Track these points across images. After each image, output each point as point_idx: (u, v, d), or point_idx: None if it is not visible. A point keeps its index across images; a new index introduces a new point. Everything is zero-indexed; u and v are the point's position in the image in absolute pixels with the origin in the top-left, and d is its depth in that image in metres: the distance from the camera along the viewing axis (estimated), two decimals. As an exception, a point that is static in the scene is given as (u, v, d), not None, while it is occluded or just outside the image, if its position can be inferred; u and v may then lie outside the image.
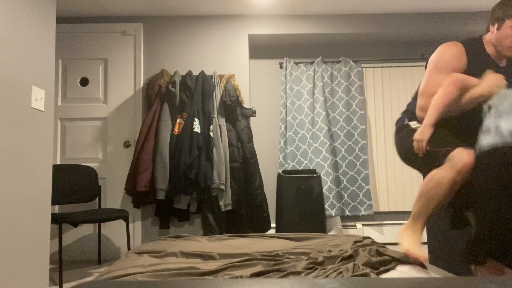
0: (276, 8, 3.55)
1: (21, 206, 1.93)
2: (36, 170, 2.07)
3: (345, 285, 0.58)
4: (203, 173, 3.14)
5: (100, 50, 3.58)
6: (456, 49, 1.61)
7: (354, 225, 3.79)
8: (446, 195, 1.51)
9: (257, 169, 3.36)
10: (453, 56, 1.60)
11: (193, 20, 3.66)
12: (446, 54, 1.61)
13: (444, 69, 1.59)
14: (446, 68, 1.59)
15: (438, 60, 1.62)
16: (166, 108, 3.32)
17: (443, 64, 1.60)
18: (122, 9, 3.52)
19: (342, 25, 3.70)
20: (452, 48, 1.62)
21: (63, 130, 3.51)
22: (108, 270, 1.73)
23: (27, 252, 1.97)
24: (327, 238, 2.52)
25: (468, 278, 0.62)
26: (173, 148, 3.21)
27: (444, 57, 1.61)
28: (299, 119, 3.80)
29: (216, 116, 3.38)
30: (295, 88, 3.85)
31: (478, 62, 1.61)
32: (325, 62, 3.92)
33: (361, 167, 3.77)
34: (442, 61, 1.61)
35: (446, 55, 1.61)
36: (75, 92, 3.54)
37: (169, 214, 3.35)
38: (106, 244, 3.40)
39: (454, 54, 1.60)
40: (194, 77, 3.41)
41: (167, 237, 2.55)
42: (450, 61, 1.60)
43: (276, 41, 3.91)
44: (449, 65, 1.59)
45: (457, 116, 1.63)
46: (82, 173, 3.19)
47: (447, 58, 1.60)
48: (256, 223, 3.30)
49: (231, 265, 1.77)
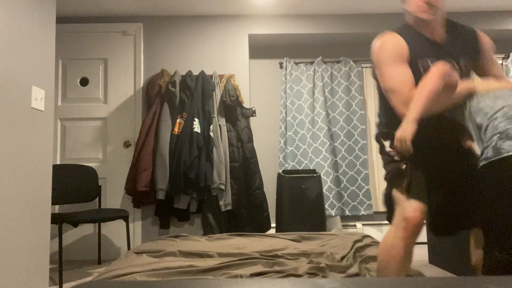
0: (276, 8, 3.55)
1: (21, 206, 1.93)
2: (36, 170, 2.07)
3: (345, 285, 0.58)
4: (203, 173, 3.14)
5: (100, 50, 3.58)
6: (395, 37, 1.51)
7: (354, 225, 3.79)
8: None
9: (257, 169, 3.36)
10: (395, 44, 1.50)
11: (193, 20, 3.66)
12: (389, 45, 1.50)
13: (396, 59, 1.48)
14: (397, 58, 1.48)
15: (385, 54, 1.50)
16: (166, 108, 3.32)
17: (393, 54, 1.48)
18: (122, 9, 3.52)
19: (342, 25, 3.70)
20: (392, 37, 1.52)
21: (63, 130, 3.51)
22: (107, 270, 1.73)
23: (27, 252, 1.97)
24: (327, 237, 2.52)
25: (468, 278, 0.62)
26: (173, 148, 3.21)
27: (389, 49, 1.49)
28: (299, 119, 3.80)
29: (216, 116, 3.38)
30: (295, 88, 3.85)
31: (418, 45, 1.52)
32: (325, 62, 3.92)
33: (361, 167, 3.77)
34: (390, 52, 1.49)
35: (389, 46, 1.50)
36: (75, 92, 3.54)
37: (169, 214, 3.35)
38: (106, 244, 3.40)
39: (396, 42, 1.50)
40: (194, 77, 3.41)
41: (166, 237, 2.55)
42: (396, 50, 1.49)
43: (276, 41, 3.91)
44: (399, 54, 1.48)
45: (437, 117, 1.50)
46: (82, 173, 3.19)
47: (392, 48, 1.49)
48: (256, 223, 3.30)
49: (231, 263, 1.76)
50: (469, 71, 1.58)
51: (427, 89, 1.38)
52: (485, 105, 1.39)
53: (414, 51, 1.50)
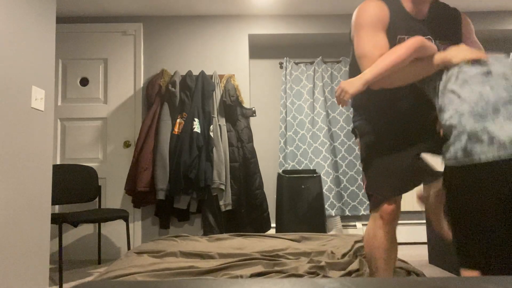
0: (276, 8, 3.55)
1: (21, 206, 1.93)
2: (36, 170, 2.07)
3: (345, 285, 0.58)
4: (203, 173, 3.14)
5: (100, 50, 3.58)
6: (379, 3, 1.46)
7: (354, 225, 3.79)
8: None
9: (257, 169, 3.36)
10: (378, 10, 1.44)
11: (193, 20, 3.66)
12: (371, 10, 1.44)
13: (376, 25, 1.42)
14: (377, 24, 1.42)
15: (366, 17, 1.44)
16: (166, 108, 3.32)
17: (374, 20, 1.43)
18: (122, 9, 3.52)
19: (342, 25, 3.70)
20: (376, 3, 1.46)
21: (63, 130, 3.51)
22: (108, 270, 1.73)
23: (27, 252, 1.97)
24: (327, 237, 2.52)
25: (468, 278, 0.62)
26: (173, 148, 3.20)
27: (371, 13, 1.44)
28: (299, 119, 3.80)
29: (216, 116, 3.38)
30: (295, 88, 3.85)
31: (398, 17, 1.47)
32: (325, 62, 3.92)
33: (361, 167, 3.77)
34: (371, 17, 1.43)
35: (372, 10, 1.44)
36: (75, 92, 3.54)
37: (169, 214, 3.35)
38: (106, 244, 3.40)
39: (379, 8, 1.44)
40: (194, 77, 3.41)
41: (167, 237, 2.55)
42: (378, 16, 1.43)
43: (276, 41, 3.91)
44: (380, 20, 1.43)
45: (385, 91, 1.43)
46: (82, 173, 3.19)
47: (374, 13, 1.43)
48: (256, 223, 3.30)
49: (231, 264, 1.76)
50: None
51: (393, 56, 1.32)
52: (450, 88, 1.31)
53: (394, 24, 1.45)
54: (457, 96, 1.27)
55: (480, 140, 1.18)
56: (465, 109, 1.24)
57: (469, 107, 1.23)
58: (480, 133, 1.18)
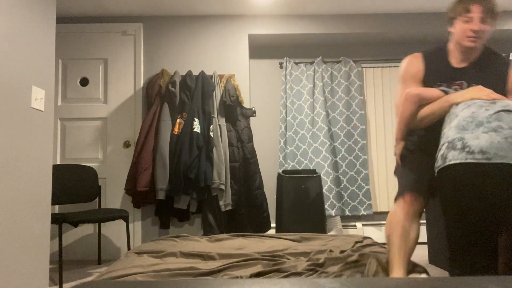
0: (276, 8, 3.54)
1: (21, 206, 1.93)
2: (36, 170, 2.07)
3: (345, 285, 0.58)
4: (203, 173, 3.14)
5: (100, 50, 3.58)
6: (415, 59, 1.74)
7: (354, 225, 3.79)
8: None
9: (257, 169, 3.36)
10: (410, 66, 1.73)
11: (193, 20, 3.66)
12: (407, 66, 1.75)
13: (407, 80, 1.72)
14: (408, 80, 1.72)
15: (402, 73, 1.76)
16: (166, 108, 3.32)
17: (406, 76, 1.73)
18: (122, 9, 3.52)
19: (342, 25, 3.70)
20: (411, 59, 1.75)
21: (63, 130, 3.51)
22: (108, 270, 1.73)
23: (27, 252, 1.97)
24: (327, 238, 2.52)
25: (468, 278, 0.62)
26: (173, 148, 3.20)
27: (406, 69, 1.75)
28: (299, 119, 3.80)
29: (216, 116, 3.38)
30: (295, 88, 3.85)
31: (437, 68, 1.70)
32: (325, 62, 3.92)
33: (361, 167, 3.77)
34: (404, 73, 1.75)
35: (407, 67, 1.75)
36: (75, 92, 3.54)
37: (169, 214, 3.35)
38: (106, 244, 3.40)
39: (411, 64, 1.73)
40: (194, 77, 3.41)
41: (167, 237, 2.55)
42: (410, 72, 1.72)
43: (276, 41, 3.91)
44: (410, 76, 1.72)
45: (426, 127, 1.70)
46: (82, 173, 3.19)
47: (406, 70, 1.74)
48: (256, 223, 3.30)
49: (231, 265, 1.76)
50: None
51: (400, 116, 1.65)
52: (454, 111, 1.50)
53: (432, 74, 1.69)
54: (455, 115, 1.47)
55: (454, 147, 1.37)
56: (454, 123, 1.43)
57: (457, 121, 1.43)
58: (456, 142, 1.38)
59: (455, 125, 1.42)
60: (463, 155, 1.34)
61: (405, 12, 3.72)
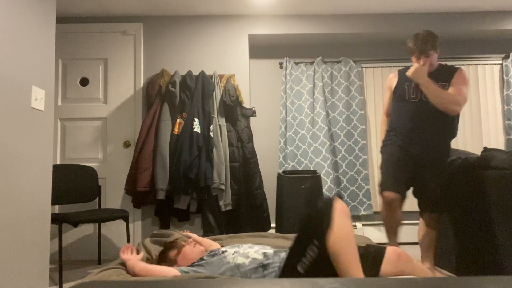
0: (276, 8, 3.55)
1: (21, 206, 1.93)
2: (36, 170, 2.07)
3: (345, 285, 0.58)
4: (203, 173, 3.14)
5: (100, 50, 3.58)
6: (393, 75, 2.58)
7: (354, 225, 3.79)
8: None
9: (257, 169, 3.36)
10: (389, 79, 2.59)
11: (193, 20, 3.66)
12: (388, 78, 2.62)
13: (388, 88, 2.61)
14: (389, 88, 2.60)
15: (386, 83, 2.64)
16: (166, 108, 3.32)
17: (388, 85, 2.62)
18: (122, 9, 3.52)
19: (342, 25, 3.70)
20: (392, 74, 2.60)
21: (63, 130, 3.51)
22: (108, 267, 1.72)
23: (27, 252, 1.97)
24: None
25: (468, 278, 0.62)
26: (173, 148, 3.20)
27: (387, 81, 2.63)
28: (299, 119, 3.80)
29: (216, 116, 3.38)
30: (295, 88, 3.85)
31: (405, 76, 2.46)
32: (325, 62, 3.92)
33: (361, 167, 3.77)
34: (387, 83, 2.62)
35: (388, 79, 2.62)
36: (75, 92, 3.54)
37: (169, 214, 3.35)
38: (106, 244, 3.40)
39: (391, 77, 2.58)
40: (194, 77, 3.41)
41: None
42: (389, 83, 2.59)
43: (276, 41, 3.91)
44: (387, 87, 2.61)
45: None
46: (82, 173, 3.19)
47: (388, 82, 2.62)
48: (256, 223, 3.29)
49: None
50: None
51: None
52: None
53: (402, 78, 2.48)
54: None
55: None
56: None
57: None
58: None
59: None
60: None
61: (405, 12, 3.72)
